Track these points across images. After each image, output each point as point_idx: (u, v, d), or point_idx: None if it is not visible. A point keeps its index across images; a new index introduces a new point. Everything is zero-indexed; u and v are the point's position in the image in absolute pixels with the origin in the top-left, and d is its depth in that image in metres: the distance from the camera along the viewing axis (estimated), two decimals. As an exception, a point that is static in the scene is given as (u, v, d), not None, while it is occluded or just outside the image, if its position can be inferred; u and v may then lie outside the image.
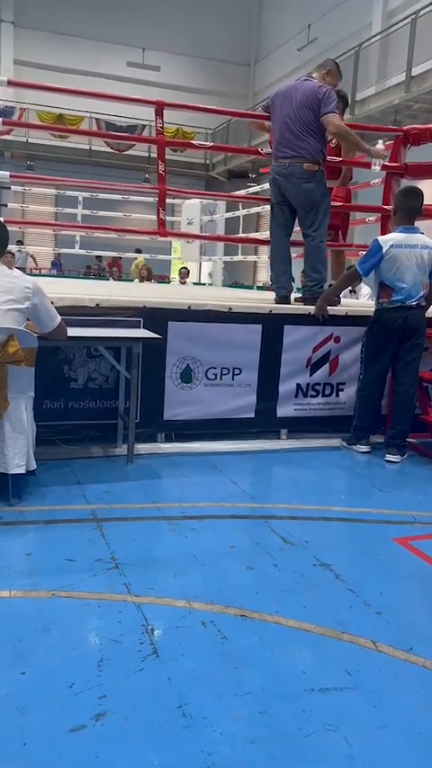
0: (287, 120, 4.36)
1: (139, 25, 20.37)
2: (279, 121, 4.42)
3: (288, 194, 4.47)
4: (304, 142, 4.34)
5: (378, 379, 4.13)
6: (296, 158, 4.36)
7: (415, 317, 3.97)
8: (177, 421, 4.10)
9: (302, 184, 4.38)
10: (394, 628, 2.11)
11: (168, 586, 2.29)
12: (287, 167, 4.39)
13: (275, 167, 4.47)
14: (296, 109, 4.32)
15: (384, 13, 14.44)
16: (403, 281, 3.93)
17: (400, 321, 3.95)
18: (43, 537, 2.70)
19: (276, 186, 4.51)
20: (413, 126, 5.49)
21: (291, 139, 4.36)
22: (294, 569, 2.48)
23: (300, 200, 4.44)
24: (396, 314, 3.97)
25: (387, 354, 4.04)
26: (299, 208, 4.49)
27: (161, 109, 4.86)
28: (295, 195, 4.43)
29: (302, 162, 4.35)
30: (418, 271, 3.94)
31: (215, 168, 21.24)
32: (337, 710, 1.69)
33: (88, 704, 1.65)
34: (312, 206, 4.44)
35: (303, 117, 4.31)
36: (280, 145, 4.43)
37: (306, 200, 4.43)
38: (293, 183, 4.39)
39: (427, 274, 3.97)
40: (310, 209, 4.45)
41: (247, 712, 1.67)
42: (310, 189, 4.40)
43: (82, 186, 8.51)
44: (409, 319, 3.96)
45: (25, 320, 2.97)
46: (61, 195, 9.88)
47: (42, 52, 19.61)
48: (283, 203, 4.54)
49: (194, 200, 9.26)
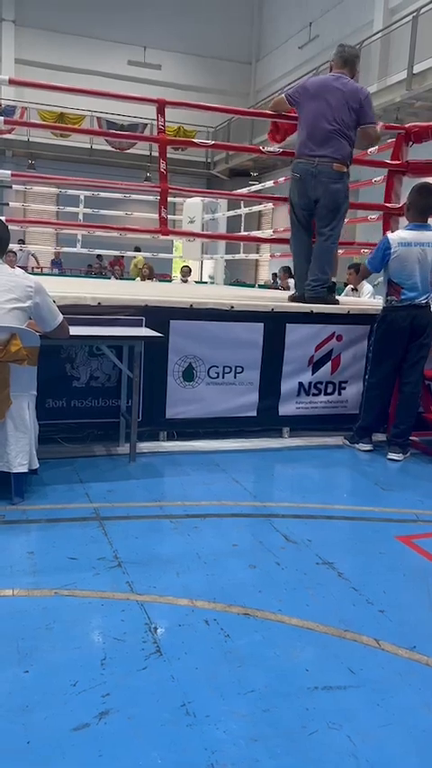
0: (322, 117, 4.27)
1: (139, 24, 20.35)
2: (309, 118, 4.33)
3: (313, 193, 4.39)
4: (338, 142, 4.29)
5: (386, 379, 4.11)
6: (326, 158, 4.30)
7: (423, 316, 3.95)
8: (180, 419, 4.10)
9: (331, 185, 4.34)
10: (397, 626, 2.11)
11: (171, 585, 2.29)
12: (315, 166, 4.32)
13: (302, 165, 4.38)
14: (334, 108, 4.25)
15: (386, 10, 14.42)
16: (411, 278, 3.91)
17: (408, 320, 3.94)
18: (46, 535, 2.70)
19: (302, 185, 4.41)
20: (415, 124, 5.49)
21: (323, 138, 4.29)
22: (297, 568, 2.48)
23: (325, 199, 4.38)
24: (404, 312, 3.95)
25: (395, 354, 4.02)
26: (321, 207, 4.43)
27: (162, 107, 4.86)
28: (322, 195, 4.37)
29: (333, 162, 4.31)
30: (427, 269, 3.92)
31: (216, 166, 21.22)
32: (340, 709, 1.69)
33: (91, 703, 1.65)
34: (335, 206, 4.41)
35: (341, 117, 4.27)
36: (309, 142, 4.34)
37: (331, 201, 4.39)
38: (322, 182, 4.34)
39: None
40: (332, 209, 4.41)
41: (251, 710, 1.67)
42: (338, 190, 4.37)
43: (83, 185, 8.52)
44: (417, 318, 3.94)
45: (27, 319, 2.97)
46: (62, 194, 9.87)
47: (43, 51, 19.62)
48: (307, 204, 4.47)
49: (196, 198, 9.27)
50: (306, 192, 4.43)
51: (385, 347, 4.04)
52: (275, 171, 18.60)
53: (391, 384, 4.14)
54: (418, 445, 4.28)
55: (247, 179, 18.50)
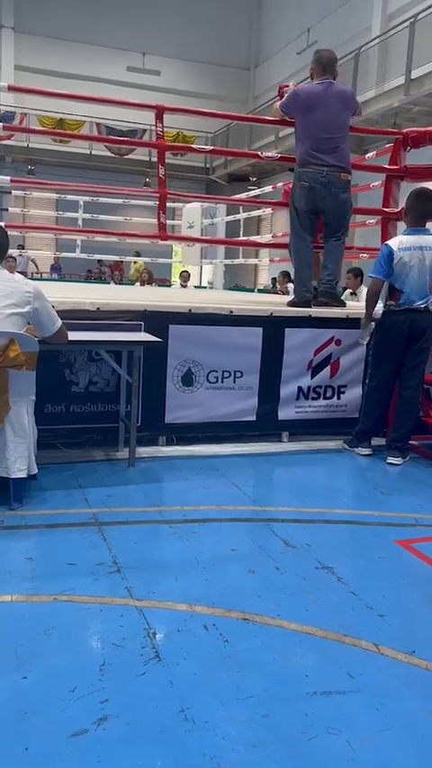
0: (326, 128, 4.37)
1: (138, 30, 20.44)
2: (313, 130, 4.40)
3: (323, 202, 4.46)
4: (342, 151, 4.42)
5: (385, 383, 4.11)
6: (334, 167, 4.39)
7: (422, 320, 3.94)
8: (179, 424, 4.10)
9: (340, 194, 4.44)
10: (396, 630, 2.11)
11: (170, 590, 2.29)
12: (325, 175, 4.39)
13: (311, 174, 4.42)
14: (336, 117, 4.36)
15: (384, 16, 14.49)
16: (410, 283, 3.91)
17: (407, 324, 3.93)
18: (45, 541, 2.70)
19: (312, 194, 4.45)
20: (412, 129, 5.51)
21: (329, 148, 4.38)
22: (296, 572, 2.48)
23: (337, 209, 4.49)
24: (403, 317, 3.95)
25: (394, 358, 4.01)
26: (332, 216, 4.51)
27: (161, 113, 4.87)
28: (332, 204, 4.46)
29: (341, 172, 4.41)
30: (425, 273, 3.92)
31: (215, 172, 21.29)
32: (339, 714, 1.69)
33: (90, 709, 1.65)
34: (344, 214, 4.54)
35: (342, 124, 4.40)
36: (315, 152, 4.39)
37: (341, 210, 4.50)
38: (332, 192, 4.41)
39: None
40: (342, 217, 4.53)
41: (250, 716, 1.66)
42: (346, 198, 4.51)
43: (82, 190, 8.52)
44: (416, 322, 3.93)
45: (26, 324, 2.97)
46: (62, 199, 9.91)
47: (43, 57, 19.68)
48: (313, 211, 4.53)
49: (195, 203, 9.28)
50: (314, 201, 4.48)
51: (384, 351, 4.04)
52: (274, 176, 18.62)
53: (390, 388, 4.13)
54: (418, 449, 4.27)
55: (246, 184, 18.52)
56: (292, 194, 4.65)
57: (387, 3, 14.53)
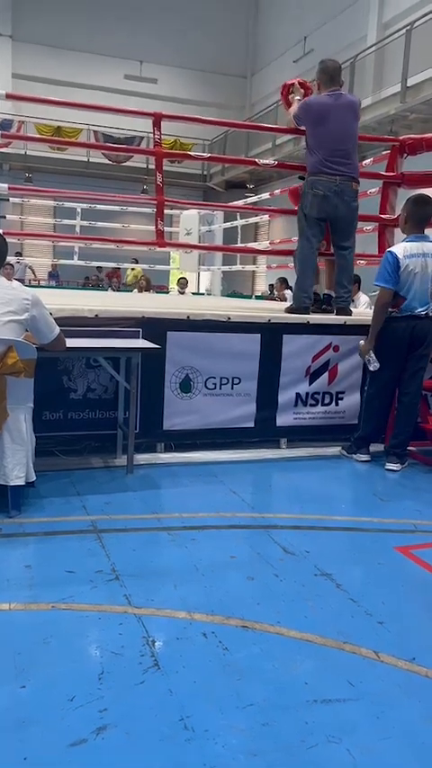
0: (339, 140, 4.46)
1: (136, 38, 20.54)
2: (328, 136, 4.48)
3: (335, 210, 4.53)
4: (353, 160, 4.54)
5: (385, 390, 4.10)
6: (346, 176, 4.49)
7: (423, 327, 3.94)
8: (177, 431, 4.09)
9: (351, 203, 4.55)
10: (396, 637, 2.10)
11: (169, 597, 2.28)
12: (338, 184, 4.47)
13: (325, 183, 4.48)
14: (347, 127, 4.48)
15: (379, 24, 14.59)
16: (412, 290, 3.91)
17: (408, 330, 3.93)
18: (43, 549, 2.69)
19: (325, 202, 4.50)
20: (409, 136, 5.54)
21: (343, 156, 4.48)
22: (295, 579, 2.47)
23: (347, 216, 4.58)
24: (404, 323, 3.95)
25: (395, 364, 4.01)
26: (343, 223, 4.60)
27: (159, 121, 4.89)
28: (345, 213, 4.55)
29: (351, 181, 4.52)
30: (427, 279, 3.92)
31: (213, 179, 21.34)
32: (339, 722, 1.68)
33: (89, 718, 1.64)
34: (354, 222, 4.65)
35: (353, 133, 4.53)
36: (330, 161, 4.47)
37: (352, 218, 4.62)
38: (344, 201, 4.51)
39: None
40: (352, 224, 4.64)
41: (250, 724, 1.65)
42: (356, 207, 4.62)
43: (80, 198, 8.54)
44: (417, 329, 3.93)
45: (24, 331, 2.97)
46: (60, 207, 9.93)
47: (40, 65, 19.75)
48: (324, 219, 4.60)
49: (192, 210, 9.30)
50: (326, 209, 4.54)
51: (385, 357, 4.03)
52: (271, 183, 18.70)
53: (390, 394, 4.13)
54: (416, 455, 4.27)
55: (243, 191, 18.57)
56: (302, 202, 4.70)
57: (383, 11, 14.64)
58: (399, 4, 14.02)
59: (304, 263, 4.73)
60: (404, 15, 13.29)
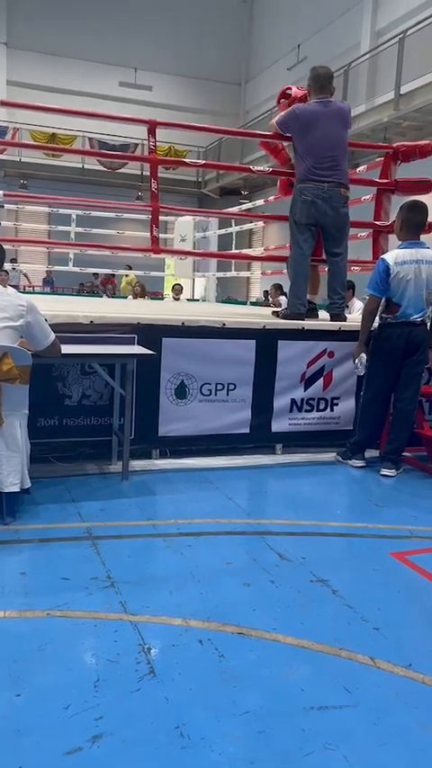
0: (327, 147, 4.49)
1: (130, 46, 20.63)
2: (316, 143, 4.50)
3: (324, 217, 4.56)
4: (342, 167, 4.56)
5: (381, 396, 4.10)
6: (334, 183, 4.52)
7: (418, 333, 3.94)
8: (172, 437, 4.09)
9: (341, 209, 4.58)
10: (392, 643, 2.10)
11: (165, 604, 2.27)
12: (326, 191, 4.50)
13: (312, 190, 4.52)
14: (336, 135, 4.51)
15: (372, 32, 14.69)
16: (407, 296, 3.90)
17: (403, 337, 3.93)
18: (38, 556, 2.68)
19: (314, 209, 4.54)
20: (402, 143, 5.58)
21: (331, 163, 4.51)
22: (291, 585, 2.46)
23: (338, 223, 4.61)
24: (399, 329, 3.95)
25: (390, 370, 4.00)
26: (333, 229, 4.63)
27: (154, 128, 4.91)
28: (334, 219, 4.58)
29: (340, 187, 4.54)
30: (421, 286, 3.90)
31: (207, 185, 21.41)
32: (336, 729, 1.67)
33: (84, 726, 1.63)
34: (345, 228, 4.67)
35: (341, 141, 4.54)
36: (318, 168, 4.51)
37: (342, 224, 4.64)
38: (333, 207, 4.54)
39: (430, 290, 3.93)
40: (342, 230, 4.66)
41: (246, 732, 1.65)
42: (347, 213, 4.64)
43: (75, 204, 8.56)
44: (412, 335, 3.93)
45: (19, 338, 2.96)
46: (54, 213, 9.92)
47: (35, 73, 19.80)
48: (314, 225, 4.63)
49: (187, 217, 9.33)
50: (315, 215, 4.57)
51: (380, 363, 4.03)
52: (266, 189, 18.76)
53: (386, 400, 4.13)
54: (411, 461, 4.28)
55: (238, 198, 18.66)
56: (291, 209, 4.72)
57: (376, 20, 14.75)
58: (392, 13, 14.13)
59: (297, 269, 4.75)
60: (397, 23, 13.40)
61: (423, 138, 9.11)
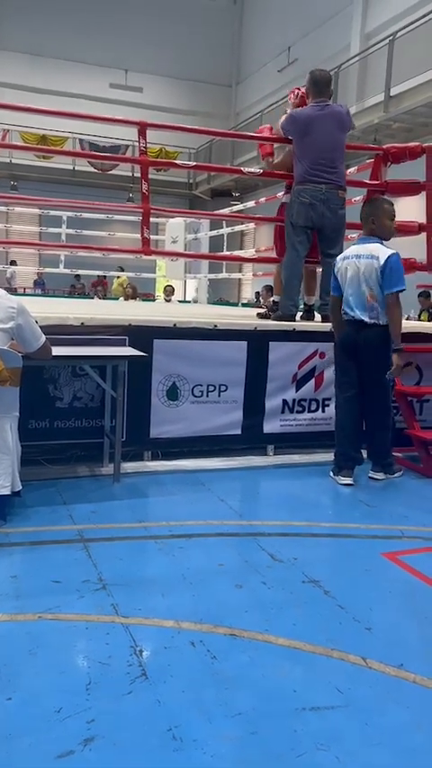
0: (323, 150, 4.52)
1: (121, 48, 20.62)
2: (311, 151, 4.54)
3: (321, 219, 4.58)
4: (339, 170, 4.59)
5: (348, 399, 3.91)
6: (332, 184, 4.55)
7: (367, 334, 3.77)
8: (164, 439, 4.09)
9: (338, 210, 4.62)
10: (384, 644, 2.10)
11: (157, 606, 2.27)
12: (323, 193, 4.53)
13: (310, 192, 4.54)
14: (332, 138, 4.54)
15: (362, 35, 14.75)
16: (348, 292, 3.83)
17: (353, 336, 3.82)
18: (29, 558, 2.67)
19: (312, 211, 4.56)
20: (393, 145, 5.59)
21: (327, 165, 4.54)
22: (283, 587, 2.47)
23: (335, 225, 4.65)
24: (349, 328, 3.85)
25: (349, 370, 3.87)
26: (330, 230, 4.65)
27: (144, 129, 4.90)
28: (331, 220, 4.60)
29: (337, 189, 4.58)
30: (359, 282, 3.76)
31: (198, 187, 21.42)
32: (328, 729, 1.68)
33: (76, 729, 1.62)
34: (341, 229, 4.71)
35: (338, 145, 4.57)
36: (315, 170, 4.53)
37: (339, 225, 4.67)
38: (331, 208, 4.57)
39: (370, 286, 3.72)
40: (339, 232, 4.69)
41: (239, 733, 1.65)
42: (343, 215, 4.68)
43: (66, 206, 8.54)
44: (361, 335, 3.78)
45: (9, 340, 2.95)
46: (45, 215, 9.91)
47: (24, 74, 19.75)
48: (310, 227, 4.65)
49: (178, 218, 9.32)
50: (312, 217, 4.59)
51: (339, 364, 3.97)
52: (257, 191, 18.80)
53: (354, 403, 3.90)
54: (402, 461, 4.29)
55: (229, 199, 18.66)
56: (288, 210, 4.73)
57: (365, 22, 14.81)
58: (381, 15, 14.20)
59: (290, 270, 4.76)
60: (386, 26, 13.47)
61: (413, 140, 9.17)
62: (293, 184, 4.70)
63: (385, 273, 3.67)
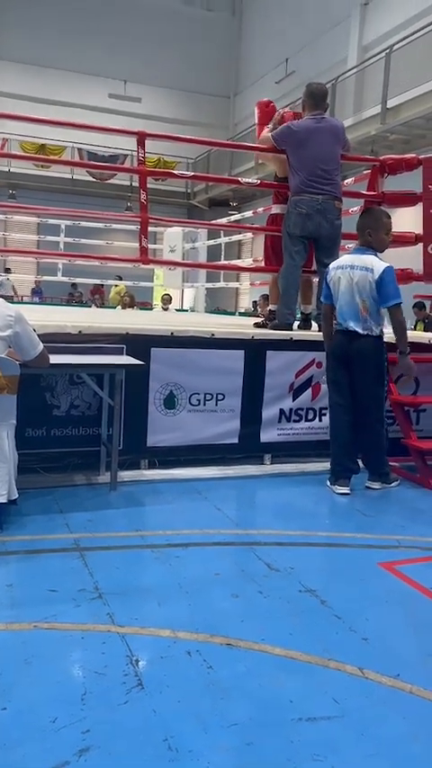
0: (319, 161, 4.56)
1: (120, 58, 20.76)
2: (307, 163, 4.57)
3: (318, 229, 4.61)
4: (335, 180, 4.63)
5: (341, 409, 3.89)
6: (329, 195, 4.59)
7: (359, 345, 3.76)
8: (161, 447, 4.08)
9: (335, 221, 4.65)
10: (381, 654, 2.10)
11: (153, 616, 2.26)
12: (320, 203, 4.56)
13: (307, 202, 4.57)
14: (328, 151, 4.58)
15: (360, 47, 14.89)
16: (341, 302, 3.83)
17: (345, 346, 3.81)
18: (25, 567, 2.66)
19: (309, 221, 4.59)
20: (389, 156, 5.63)
21: (324, 177, 4.57)
22: (280, 596, 2.46)
23: (332, 235, 4.68)
24: (339, 338, 3.86)
25: (341, 380, 3.87)
26: (326, 241, 4.68)
27: (143, 139, 4.93)
28: (328, 231, 4.64)
29: (334, 200, 4.61)
30: (352, 293, 3.75)
31: (196, 197, 21.51)
32: (324, 740, 1.67)
33: (71, 739, 1.61)
34: (338, 240, 4.74)
35: (334, 158, 4.62)
36: (312, 181, 4.57)
37: (336, 235, 4.70)
38: (328, 219, 4.60)
39: (364, 298, 3.72)
40: (336, 242, 4.73)
41: (235, 744, 1.64)
42: (340, 225, 4.72)
43: (64, 215, 8.56)
44: (353, 345, 3.77)
45: (7, 348, 2.96)
46: (44, 223, 9.93)
47: (24, 84, 19.86)
48: (307, 237, 4.68)
49: (176, 228, 9.36)
50: (309, 227, 4.62)
51: (330, 373, 3.97)
52: (255, 201, 18.89)
53: (348, 413, 3.88)
54: (399, 471, 4.29)
55: (227, 209, 18.75)
56: (285, 221, 4.75)
57: (363, 34, 14.95)
58: (378, 28, 14.34)
59: (287, 279, 4.78)
60: (383, 39, 13.60)
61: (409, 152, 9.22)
62: (290, 195, 4.73)
63: (382, 287, 3.68)
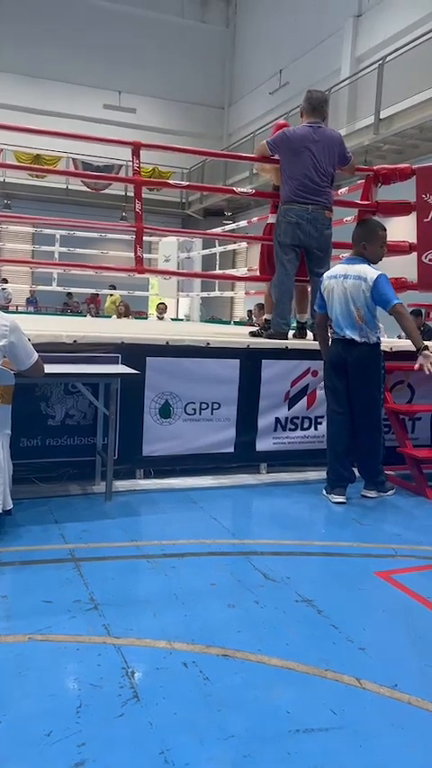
0: (311, 170, 4.56)
1: (115, 69, 20.89)
2: (299, 171, 4.58)
3: (308, 238, 4.63)
4: (326, 191, 4.63)
5: (338, 418, 3.90)
6: (319, 205, 4.60)
7: (355, 354, 3.77)
8: (156, 457, 4.07)
9: (325, 230, 4.67)
10: (378, 664, 2.09)
11: (148, 627, 2.24)
12: (310, 212, 4.58)
13: (297, 211, 4.59)
14: (321, 160, 4.58)
15: (353, 58, 15.02)
16: (335, 311, 3.84)
17: (342, 356, 3.82)
18: (20, 578, 2.64)
19: (299, 230, 4.61)
20: (383, 166, 5.67)
21: (315, 186, 4.58)
22: (276, 606, 2.45)
23: (322, 244, 4.70)
24: (335, 347, 3.88)
25: (338, 389, 3.87)
26: (317, 250, 4.70)
27: (138, 149, 4.95)
28: (318, 240, 4.66)
29: (324, 209, 4.63)
30: (347, 301, 3.76)
31: (191, 206, 21.59)
32: (322, 751, 1.66)
33: (67, 753, 1.59)
34: (328, 249, 4.76)
35: (327, 168, 4.61)
36: (301, 190, 4.58)
37: (326, 244, 4.72)
38: (317, 228, 4.62)
39: (358, 307, 3.73)
40: (326, 251, 4.75)
41: (231, 756, 1.62)
42: (330, 234, 4.73)
43: (59, 224, 8.57)
44: (350, 354, 3.78)
45: (2, 358, 2.95)
46: (38, 233, 9.94)
47: (18, 94, 19.93)
48: (298, 246, 4.70)
49: (171, 237, 9.39)
50: (299, 236, 4.63)
51: (328, 382, 3.97)
52: (249, 211, 18.97)
53: (345, 422, 3.88)
54: (394, 479, 4.29)
55: (222, 218, 18.82)
56: (276, 230, 4.76)
57: (356, 46, 15.09)
58: (371, 40, 14.47)
59: (280, 289, 4.80)
60: (377, 50, 13.73)
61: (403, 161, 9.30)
62: (280, 203, 4.74)
63: (378, 294, 3.69)
